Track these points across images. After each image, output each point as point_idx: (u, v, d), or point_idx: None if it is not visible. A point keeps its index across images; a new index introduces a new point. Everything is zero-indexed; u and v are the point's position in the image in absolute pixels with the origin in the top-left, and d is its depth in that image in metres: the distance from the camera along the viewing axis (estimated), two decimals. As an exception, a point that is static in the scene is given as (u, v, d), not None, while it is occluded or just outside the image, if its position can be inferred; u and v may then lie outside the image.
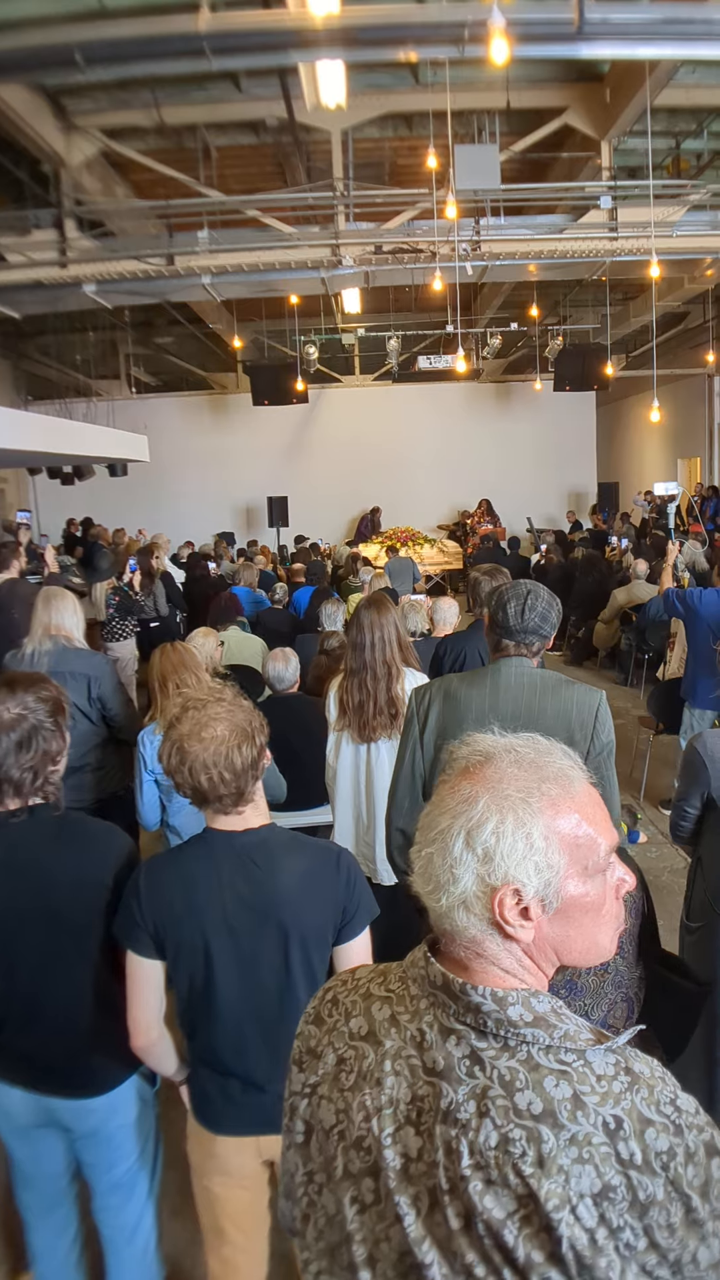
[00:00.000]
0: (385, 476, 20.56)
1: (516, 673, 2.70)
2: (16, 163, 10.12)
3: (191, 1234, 2.41)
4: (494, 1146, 1.00)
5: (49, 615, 4.40)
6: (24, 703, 2.25)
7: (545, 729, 2.54)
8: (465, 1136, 1.02)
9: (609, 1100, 1.02)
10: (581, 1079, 1.03)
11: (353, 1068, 1.15)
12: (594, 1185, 0.97)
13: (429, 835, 1.11)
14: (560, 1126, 1.00)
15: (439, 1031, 1.09)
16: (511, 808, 1.09)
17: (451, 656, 4.68)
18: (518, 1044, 1.06)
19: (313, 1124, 1.18)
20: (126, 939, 2.07)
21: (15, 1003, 2.23)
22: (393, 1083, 1.10)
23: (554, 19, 6.60)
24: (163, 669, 3.80)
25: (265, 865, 2.07)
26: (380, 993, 1.19)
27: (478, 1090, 1.04)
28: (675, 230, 10.57)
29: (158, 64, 7.67)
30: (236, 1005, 2.05)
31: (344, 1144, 1.12)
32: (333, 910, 2.10)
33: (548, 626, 2.72)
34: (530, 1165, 0.98)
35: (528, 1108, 1.01)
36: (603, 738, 2.64)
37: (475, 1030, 1.07)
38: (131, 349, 18.43)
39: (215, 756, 2.02)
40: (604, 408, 21.90)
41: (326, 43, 6.90)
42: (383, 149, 11.74)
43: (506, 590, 2.75)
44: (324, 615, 6.99)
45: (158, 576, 9.29)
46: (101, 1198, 2.41)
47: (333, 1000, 1.25)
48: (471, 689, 2.75)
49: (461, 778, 1.14)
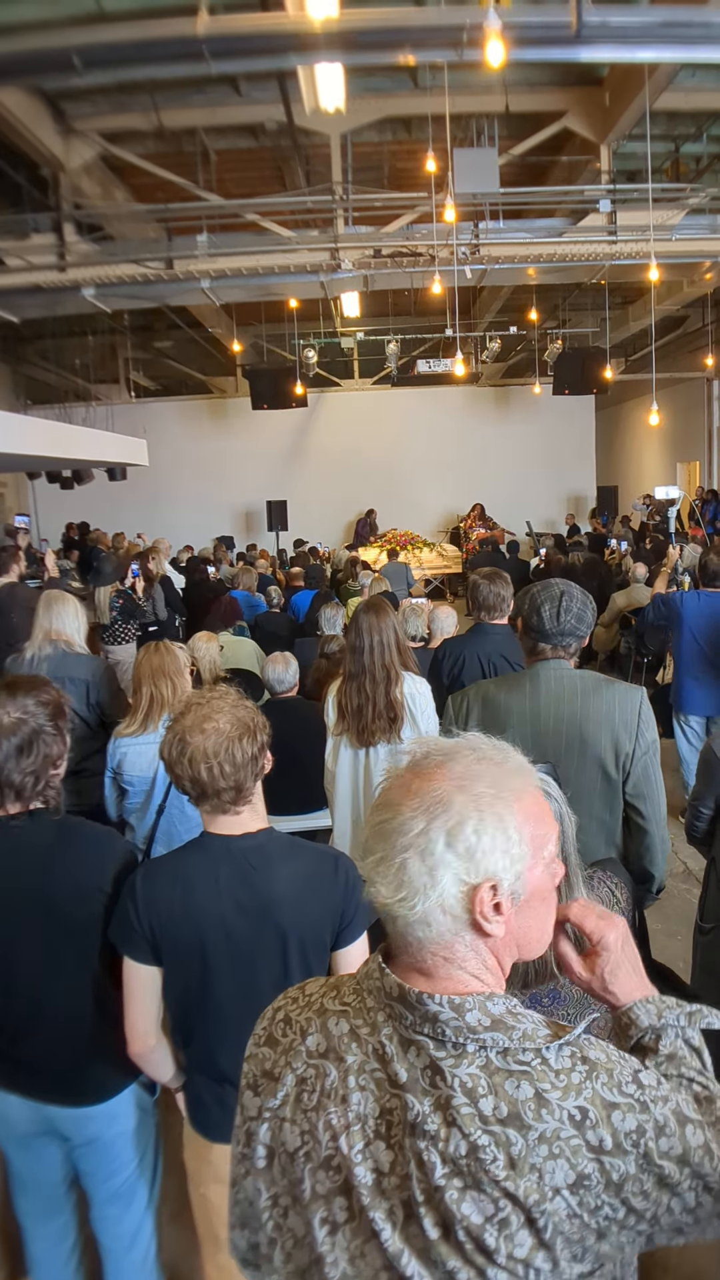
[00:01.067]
0: (384, 480, 20.56)
1: (555, 675, 2.69)
2: (15, 167, 10.12)
3: (189, 1241, 2.39)
4: (464, 1155, 1.01)
5: (50, 619, 4.39)
6: (24, 707, 2.24)
7: (589, 730, 2.58)
8: (435, 1147, 1.02)
9: (570, 1093, 1.03)
10: (541, 1076, 1.04)
11: (314, 1086, 1.12)
12: (568, 1177, 1.00)
13: (400, 840, 1.08)
14: (527, 1127, 1.01)
15: (399, 1044, 1.09)
16: (489, 804, 1.10)
17: (450, 660, 4.65)
18: (476, 1050, 1.06)
19: (274, 1148, 1.15)
20: (123, 944, 2.05)
21: (14, 1009, 2.21)
22: (359, 1098, 1.09)
23: (552, 22, 6.61)
24: (140, 673, 3.75)
25: (263, 869, 2.05)
26: (335, 1007, 1.17)
27: (441, 1101, 1.04)
28: (674, 234, 10.57)
29: (156, 68, 7.68)
30: (234, 1011, 2.03)
31: (311, 1165, 1.10)
32: (331, 915, 2.09)
33: (584, 627, 2.71)
34: (503, 1169, 1.00)
35: (493, 1113, 1.02)
36: (648, 735, 2.63)
37: (433, 1040, 1.07)
38: (131, 353, 18.44)
39: (216, 747, 2.02)
40: (603, 411, 21.90)
41: (325, 46, 6.90)
42: (381, 152, 11.76)
43: (539, 592, 2.73)
44: (323, 619, 6.98)
45: (157, 580, 9.28)
46: (100, 1207, 2.39)
47: (285, 1020, 1.22)
48: (510, 694, 2.73)
49: (421, 779, 1.12)
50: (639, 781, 2.61)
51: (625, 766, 2.60)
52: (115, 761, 3.67)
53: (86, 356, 17.26)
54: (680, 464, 19.10)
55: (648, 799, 2.63)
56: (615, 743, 2.59)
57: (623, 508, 18.76)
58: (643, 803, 2.63)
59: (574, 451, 21.81)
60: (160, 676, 3.67)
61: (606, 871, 2.12)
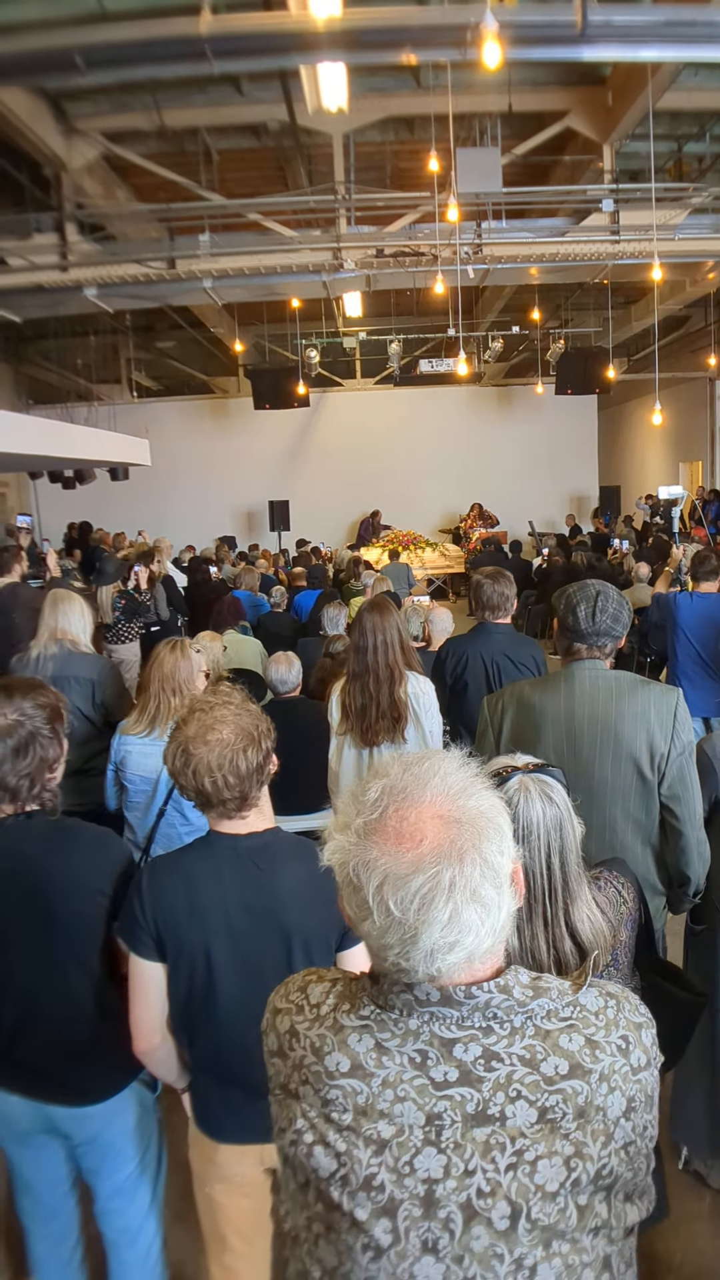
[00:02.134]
0: (387, 480, 20.54)
1: (590, 676, 2.68)
2: (17, 166, 10.14)
3: (194, 1241, 2.39)
4: (534, 1123, 1.05)
5: (56, 618, 4.38)
6: (21, 709, 2.23)
7: (624, 731, 2.59)
8: (503, 1128, 1.04)
9: (611, 1027, 1.12)
10: (585, 1023, 1.11)
11: (345, 1106, 1.09)
12: (621, 1105, 1.09)
13: (456, 894, 1.02)
14: (588, 1072, 1.08)
15: (440, 1046, 1.08)
16: (487, 804, 1.10)
17: (454, 660, 4.64)
18: (524, 1021, 1.09)
19: (303, 1172, 1.11)
20: (129, 940, 2.05)
21: (12, 1009, 2.21)
22: (401, 1109, 1.06)
23: (557, 21, 6.60)
24: (150, 674, 3.71)
25: (268, 869, 2.05)
26: (353, 1023, 1.13)
27: (501, 1081, 1.06)
28: (677, 233, 10.58)
29: (159, 67, 7.68)
30: (238, 1010, 2.02)
31: (349, 1188, 1.06)
32: (337, 916, 2.07)
33: (619, 627, 2.71)
34: (572, 1122, 1.06)
35: (556, 1072, 1.07)
36: (683, 737, 2.62)
37: (482, 1029, 1.08)
38: (133, 353, 18.44)
39: (220, 760, 2.00)
40: (605, 411, 21.89)
41: (328, 45, 6.90)
42: (384, 152, 11.76)
43: (575, 593, 2.73)
44: (325, 619, 6.96)
45: (159, 580, 9.27)
46: (104, 1202, 2.39)
47: (291, 1032, 1.18)
48: (545, 695, 2.73)
49: (406, 830, 1.06)
50: (674, 783, 2.61)
51: (661, 767, 2.59)
52: (119, 757, 3.66)
53: (88, 356, 17.27)
54: (682, 464, 19.09)
55: (683, 800, 2.62)
56: (650, 743, 2.59)
57: (625, 507, 18.77)
58: (678, 804, 2.62)
59: (576, 451, 21.78)
60: (169, 683, 3.63)
61: (613, 872, 2.11)
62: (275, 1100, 1.18)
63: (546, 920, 1.60)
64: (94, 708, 4.24)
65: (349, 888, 1.09)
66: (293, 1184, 1.14)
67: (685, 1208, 2.98)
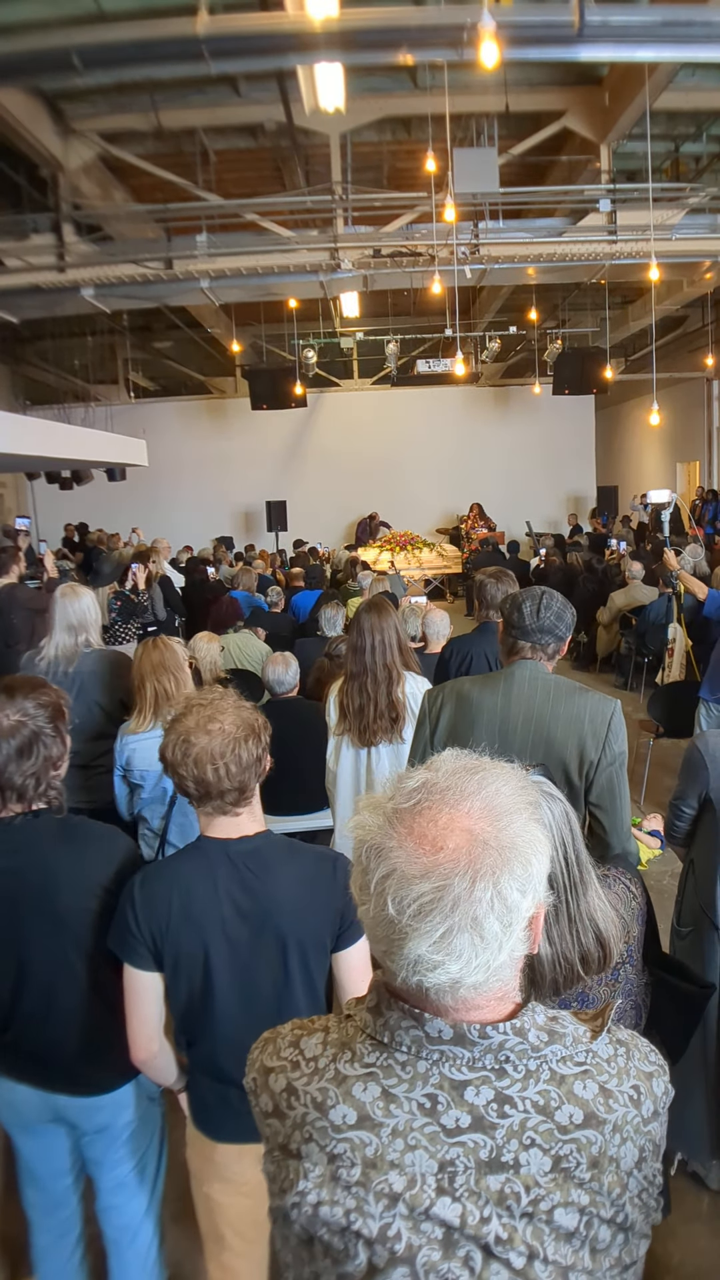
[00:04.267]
0: (384, 480, 20.57)
1: (530, 677, 2.68)
2: (15, 167, 10.14)
3: (192, 1240, 2.39)
4: (548, 1171, 1.03)
5: (69, 614, 4.38)
6: (24, 709, 2.23)
7: (557, 735, 2.57)
8: (517, 1175, 1.02)
9: (623, 1076, 1.10)
10: (599, 1070, 1.09)
11: (353, 1160, 1.04)
12: (634, 1157, 1.08)
13: (467, 909, 0.98)
14: (602, 1122, 1.06)
15: (451, 1089, 1.04)
16: (522, 825, 1.04)
17: (457, 659, 4.65)
18: (538, 1065, 1.05)
19: (312, 1231, 1.06)
20: (123, 951, 2.05)
21: (22, 1003, 2.23)
22: (412, 1158, 1.02)
23: (554, 21, 6.62)
24: (141, 669, 3.72)
25: (262, 872, 2.05)
26: (357, 1071, 1.08)
27: (515, 1127, 1.03)
28: (674, 233, 10.59)
29: (156, 68, 7.69)
30: (236, 1013, 2.03)
31: (363, 1240, 1.01)
32: (331, 916, 2.08)
33: (562, 627, 2.69)
34: (586, 1171, 1.04)
35: (570, 1121, 1.04)
36: (615, 747, 2.60)
37: (495, 1071, 1.04)
38: (130, 354, 18.46)
39: (222, 748, 2.01)
40: (603, 411, 21.92)
41: (325, 46, 6.91)
42: (381, 152, 11.77)
43: (521, 593, 2.74)
44: (323, 619, 6.97)
45: (156, 581, 9.27)
46: (106, 1196, 2.41)
47: (288, 1090, 1.12)
48: (484, 692, 2.73)
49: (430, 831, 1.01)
50: (602, 793, 2.59)
51: (589, 775, 2.58)
52: (124, 759, 3.66)
53: (85, 357, 17.28)
54: (680, 464, 19.11)
55: (609, 811, 2.60)
56: (581, 749, 2.58)
57: (622, 508, 18.77)
58: (604, 814, 2.60)
59: (574, 451, 21.82)
60: (162, 671, 3.67)
61: (620, 869, 2.12)
62: (273, 1160, 1.12)
63: (571, 917, 1.61)
64: (112, 701, 4.23)
65: (358, 867, 1.05)
66: (294, 1240, 1.08)
67: (684, 1209, 2.98)
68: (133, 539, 13.95)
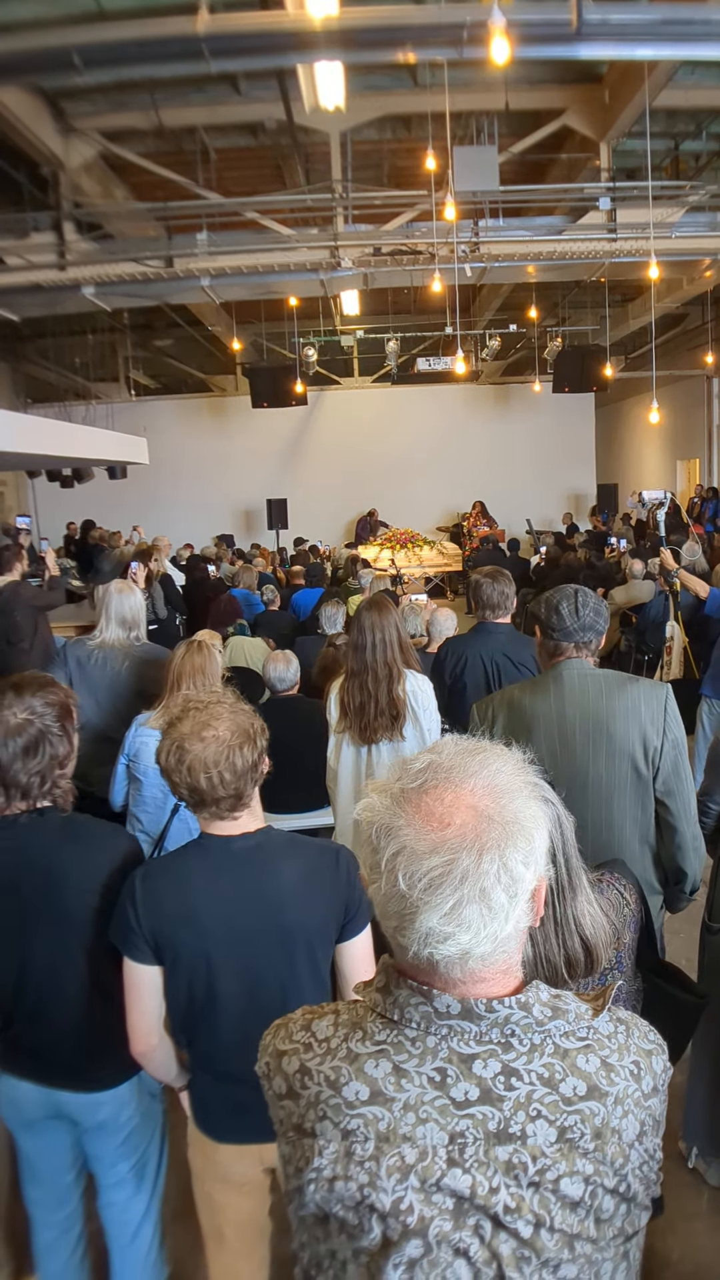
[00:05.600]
0: (384, 478, 20.55)
1: (579, 675, 2.69)
2: (15, 165, 10.13)
3: (193, 1239, 2.40)
4: (554, 1142, 1.06)
5: (125, 609, 4.47)
6: (31, 707, 2.24)
7: (617, 729, 2.59)
8: (524, 1146, 1.05)
9: (624, 1052, 1.13)
10: (600, 1044, 1.12)
11: (367, 1134, 1.07)
12: (635, 1129, 1.10)
13: (476, 881, 1.01)
14: (605, 1094, 1.09)
15: (460, 1063, 1.08)
16: (524, 801, 1.09)
17: (453, 660, 4.64)
18: (543, 1039, 1.09)
19: (328, 1207, 1.09)
20: (123, 945, 2.06)
21: (25, 999, 2.24)
22: (423, 1131, 1.06)
23: (552, 19, 6.61)
24: (181, 670, 3.72)
25: (264, 868, 2.05)
26: (368, 1049, 1.11)
27: (521, 1099, 1.06)
28: (674, 231, 10.59)
29: (156, 66, 7.69)
30: (240, 1010, 2.03)
31: (378, 1214, 1.05)
32: (336, 908, 2.09)
33: (601, 621, 2.72)
34: (590, 1142, 1.07)
35: (574, 1093, 1.08)
36: (674, 731, 2.63)
37: (501, 1045, 1.08)
38: (130, 352, 18.43)
39: (216, 756, 2.00)
40: (603, 409, 21.90)
41: (325, 44, 6.91)
42: (381, 151, 11.76)
43: (553, 595, 2.75)
44: (324, 617, 6.98)
45: (157, 579, 9.27)
46: (107, 1193, 2.42)
47: (302, 1070, 1.15)
48: (535, 697, 2.73)
49: (438, 809, 1.05)
50: (668, 777, 2.61)
51: (655, 762, 2.60)
52: (133, 750, 3.66)
53: (86, 355, 17.26)
54: (680, 461, 19.10)
55: (676, 795, 2.63)
56: (644, 738, 2.59)
57: (622, 505, 18.76)
58: (671, 799, 2.62)
59: (574, 449, 21.80)
60: (199, 676, 3.65)
61: (614, 874, 2.12)
62: (287, 1142, 1.16)
63: (557, 920, 1.61)
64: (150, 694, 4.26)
65: (367, 846, 1.09)
66: (309, 1219, 1.12)
67: (683, 1206, 2.99)
68: (134, 537, 13.94)
